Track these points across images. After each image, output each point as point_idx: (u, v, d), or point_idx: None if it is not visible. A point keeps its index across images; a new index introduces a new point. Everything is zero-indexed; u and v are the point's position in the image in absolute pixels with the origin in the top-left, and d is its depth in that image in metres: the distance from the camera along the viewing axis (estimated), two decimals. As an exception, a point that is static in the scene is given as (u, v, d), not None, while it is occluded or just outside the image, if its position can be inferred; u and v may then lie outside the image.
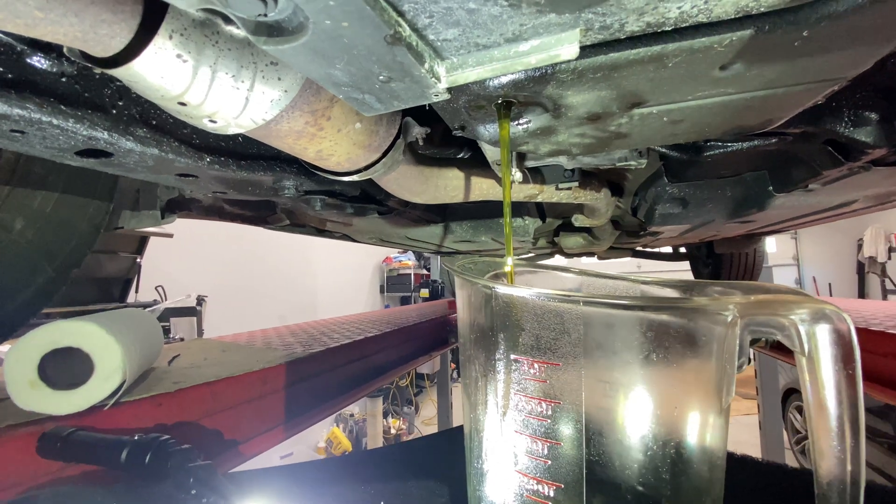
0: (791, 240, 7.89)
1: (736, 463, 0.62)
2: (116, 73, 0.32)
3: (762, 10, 0.30)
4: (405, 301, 6.89)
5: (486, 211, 1.60)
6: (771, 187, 1.12)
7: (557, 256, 2.56)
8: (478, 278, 0.37)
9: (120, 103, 0.46)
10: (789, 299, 0.32)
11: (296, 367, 0.99)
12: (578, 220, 1.44)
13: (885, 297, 6.36)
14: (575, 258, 2.65)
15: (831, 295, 7.29)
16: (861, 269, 6.95)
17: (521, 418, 0.33)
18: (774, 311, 0.32)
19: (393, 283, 6.98)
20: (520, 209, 1.59)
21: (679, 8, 0.28)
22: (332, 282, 5.75)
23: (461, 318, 0.42)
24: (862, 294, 7.02)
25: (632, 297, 0.39)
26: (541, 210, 1.58)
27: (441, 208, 1.54)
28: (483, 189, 0.90)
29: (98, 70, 0.33)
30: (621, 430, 0.32)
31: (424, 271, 7.14)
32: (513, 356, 0.34)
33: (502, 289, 0.35)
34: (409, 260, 6.96)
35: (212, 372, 0.86)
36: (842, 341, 0.32)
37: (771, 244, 7.51)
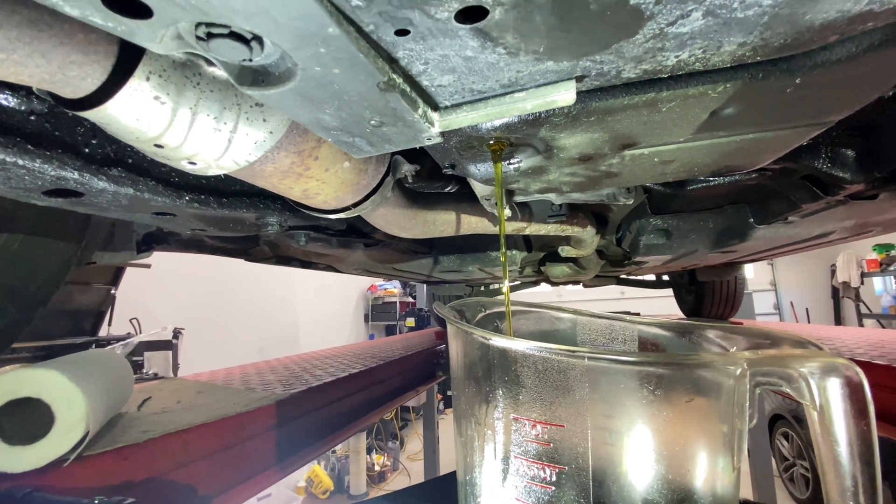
0: (768, 266, 8.08)
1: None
2: (88, 114, 0.30)
3: (758, 59, 0.29)
4: (391, 330, 6.77)
5: (473, 241, 1.60)
6: (752, 219, 1.14)
7: (543, 285, 2.56)
8: (474, 328, 0.35)
9: (93, 142, 0.43)
10: (798, 353, 0.31)
11: (276, 410, 0.94)
12: (565, 251, 1.44)
13: (860, 322, 6.50)
14: (560, 286, 2.66)
15: (809, 320, 7.43)
16: (836, 294, 7.13)
17: (524, 484, 0.31)
18: (785, 365, 0.31)
19: (378, 312, 6.87)
20: (506, 240, 1.58)
21: (677, 56, 0.28)
22: (314, 311, 5.62)
23: (455, 369, 0.39)
24: (838, 318, 7.18)
25: (639, 354, 0.37)
26: (527, 240, 1.59)
27: (429, 240, 1.52)
28: (471, 223, 0.89)
29: (69, 112, 0.31)
30: (632, 495, 0.30)
31: (410, 299, 7.06)
32: (513, 415, 0.31)
33: (500, 341, 0.33)
34: (394, 288, 6.88)
35: (185, 418, 0.81)
36: (855, 395, 0.30)
37: (749, 270, 7.67)
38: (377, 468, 4.50)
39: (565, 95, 0.30)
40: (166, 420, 0.80)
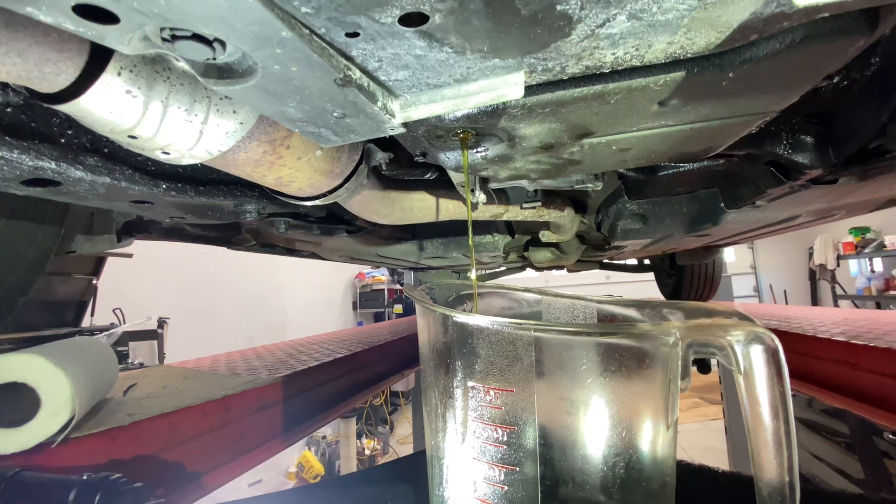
0: (748, 249, 8.28)
1: (694, 473, 0.64)
2: (63, 108, 0.32)
3: (689, 55, 0.32)
4: (379, 317, 6.81)
5: (457, 227, 1.62)
6: (722, 203, 1.18)
7: (529, 270, 2.61)
8: (435, 306, 0.37)
9: (69, 132, 0.45)
10: (725, 322, 0.34)
11: (260, 393, 0.97)
12: (545, 236, 1.47)
13: (835, 303, 6.72)
14: (546, 271, 2.71)
15: (787, 301, 7.66)
16: (813, 277, 7.34)
17: (479, 445, 0.34)
18: (713, 334, 0.34)
19: (366, 300, 6.89)
20: (489, 226, 1.61)
21: (613, 54, 0.31)
22: (302, 300, 5.62)
23: (422, 345, 0.42)
24: (815, 300, 7.41)
25: (580, 325, 0.40)
26: (510, 226, 1.61)
27: (412, 226, 1.54)
28: (449, 210, 0.91)
29: (45, 105, 0.32)
30: (574, 452, 0.33)
31: (398, 286, 7.09)
32: (470, 383, 0.35)
33: (459, 317, 0.36)
34: (382, 275, 6.90)
35: (171, 402, 0.83)
36: (773, 360, 0.34)
37: (730, 254, 7.86)
38: (367, 452, 4.58)
39: (514, 89, 0.32)
40: (152, 404, 0.82)
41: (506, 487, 0.33)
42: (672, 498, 0.37)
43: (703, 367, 1.84)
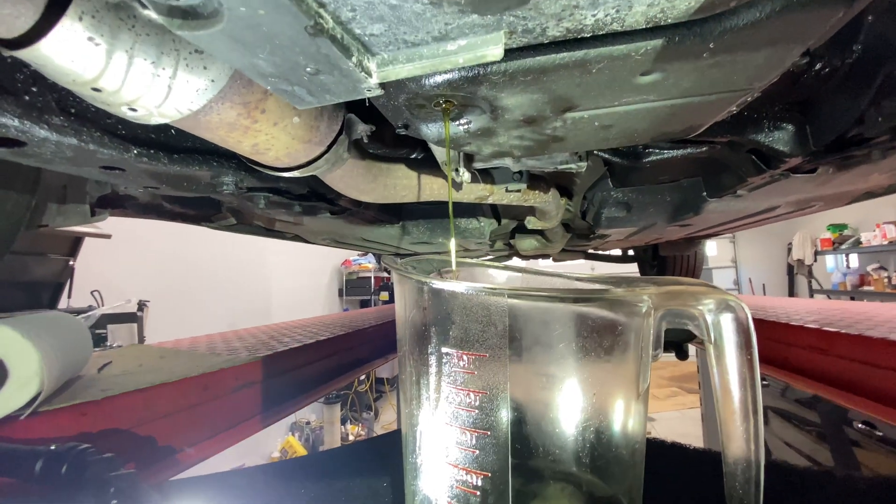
0: (730, 244, 8.44)
1: (667, 450, 0.65)
2: (22, 54, 0.30)
3: (669, 21, 0.32)
4: (365, 304, 6.80)
5: (443, 212, 1.61)
6: (705, 192, 1.20)
7: (514, 259, 2.62)
8: (411, 273, 0.37)
9: (34, 89, 0.43)
10: (697, 290, 0.34)
11: (239, 372, 0.96)
12: (531, 223, 1.47)
13: (811, 296, 6.92)
14: (532, 260, 2.74)
15: (765, 294, 7.85)
16: (791, 271, 7.53)
17: (452, 410, 0.34)
18: (685, 302, 0.34)
19: (352, 287, 6.87)
20: (475, 211, 1.61)
21: (594, 16, 0.30)
22: (286, 285, 5.57)
23: (398, 316, 0.42)
24: (791, 293, 7.61)
25: (554, 290, 0.40)
26: (496, 212, 1.61)
27: (397, 209, 1.53)
28: (434, 189, 0.91)
29: (4, 52, 0.30)
30: (545, 417, 0.33)
31: (385, 274, 7.07)
32: (444, 349, 0.34)
33: (435, 283, 0.36)
34: (368, 263, 6.87)
35: (146, 378, 0.81)
36: (742, 329, 0.35)
37: (711, 248, 8.02)
38: (352, 438, 4.60)
39: (494, 50, 0.32)
40: (127, 381, 0.81)
41: (477, 451, 0.33)
42: (642, 464, 0.37)
43: (682, 353, 1.88)
